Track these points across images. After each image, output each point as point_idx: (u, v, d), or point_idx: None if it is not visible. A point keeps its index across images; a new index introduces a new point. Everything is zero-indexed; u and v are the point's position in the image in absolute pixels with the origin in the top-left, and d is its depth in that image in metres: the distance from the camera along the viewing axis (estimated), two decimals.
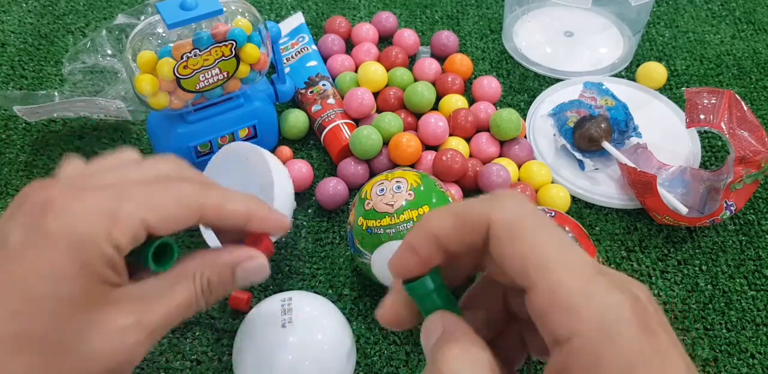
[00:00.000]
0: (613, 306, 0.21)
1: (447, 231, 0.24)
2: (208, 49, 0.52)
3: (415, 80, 0.70)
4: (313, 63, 0.70)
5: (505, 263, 0.23)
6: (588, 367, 0.21)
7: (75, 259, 0.26)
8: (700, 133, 0.67)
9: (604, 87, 0.64)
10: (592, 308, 0.21)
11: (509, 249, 0.23)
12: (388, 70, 0.69)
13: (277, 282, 0.56)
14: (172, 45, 0.51)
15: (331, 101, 0.66)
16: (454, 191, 0.60)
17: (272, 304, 0.47)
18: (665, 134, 0.66)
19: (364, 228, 0.50)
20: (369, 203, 0.52)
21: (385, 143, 0.63)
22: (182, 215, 0.29)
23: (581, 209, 0.61)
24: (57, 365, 0.25)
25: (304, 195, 0.62)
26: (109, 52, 0.68)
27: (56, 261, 0.26)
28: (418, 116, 0.66)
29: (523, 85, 0.72)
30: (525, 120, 0.67)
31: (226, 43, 0.53)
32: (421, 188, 0.52)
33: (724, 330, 0.54)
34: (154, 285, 0.29)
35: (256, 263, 0.32)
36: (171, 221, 0.29)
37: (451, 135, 0.64)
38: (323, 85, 0.67)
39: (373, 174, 0.62)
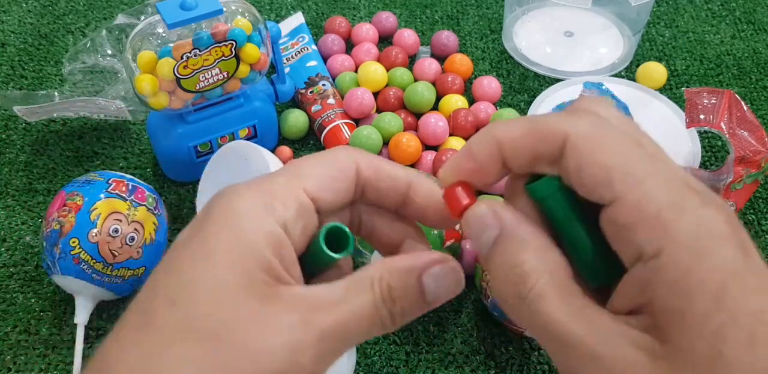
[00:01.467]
0: (706, 222, 0.20)
1: (515, 140, 0.23)
2: (208, 49, 0.52)
3: (415, 80, 0.70)
4: (313, 63, 0.70)
5: (585, 176, 0.21)
6: (674, 284, 0.19)
7: (234, 240, 0.23)
8: (700, 133, 0.67)
9: (604, 87, 0.64)
10: (683, 223, 0.19)
11: (590, 159, 0.21)
12: (388, 70, 0.69)
13: None
14: (172, 45, 0.51)
15: (331, 101, 0.66)
16: None
17: None
18: (665, 134, 0.66)
19: None
20: None
21: (385, 143, 0.63)
22: (339, 176, 0.25)
23: None
24: (214, 359, 0.21)
25: None
26: (109, 52, 0.68)
27: (212, 243, 0.23)
28: (418, 116, 0.66)
29: (523, 85, 0.72)
30: None
31: (226, 43, 0.53)
32: None
33: None
34: (327, 288, 0.24)
35: (446, 267, 0.24)
36: (328, 182, 0.25)
37: (451, 135, 0.64)
38: (323, 85, 0.67)
39: None
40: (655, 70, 0.70)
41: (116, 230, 0.51)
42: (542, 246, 0.22)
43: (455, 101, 0.66)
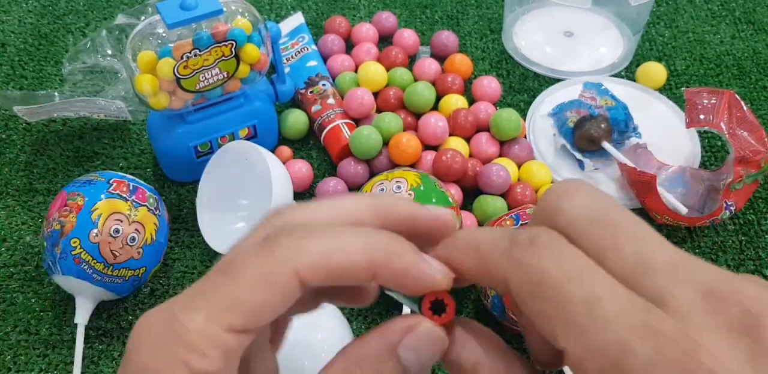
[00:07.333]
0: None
1: (470, 271, 0.22)
2: (208, 49, 0.52)
3: (415, 80, 0.70)
4: (313, 63, 0.70)
5: (533, 322, 0.20)
6: None
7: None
8: (699, 133, 0.67)
9: (603, 88, 0.64)
10: None
11: (533, 313, 0.20)
12: (388, 70, 0.69)
13: None
14: (172, 45, 0.51)
15: (330, 100, 0.66)
16: (454, 191, 0.60)
17: None
18: (665, 134, 0.66)
19: None
20: None
21: (385, 143, 0.63)
22: (275, 300, 0.21)
23: None
24: None
25: (304, 195, 0.62)
26: (109, 52, 0.68)
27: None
28: (418, 116, 0.66)
29: (523, 85, 0.72)
30: (525, 120, 0.67)
31: (226, 43, 0.53)
32: (421, 188, 0.52)
33: None
34: None
35: (422, 335, 0.21)
36: (262, 309, 0.21)
37: (451, 135, 0.64)
38: (323, 85, 0.67)
39: (373, 174, 0.62)
40: (655, 70, 0.70)
41: (117, 231, 0.51)
42: (476, 361, 0.22)
43: (455, 101, 0.66)
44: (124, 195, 0.52)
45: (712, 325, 0.18)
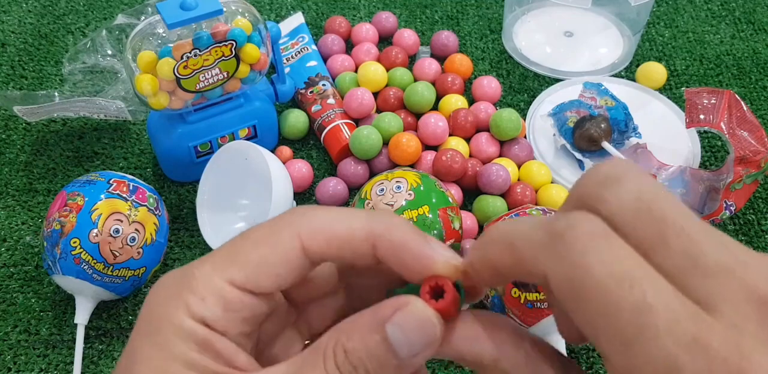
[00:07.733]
0: None
1: (505, 267, 0.21)
2: (208, 49, 0.52)
3: (415, 80, 0.70)
4: (313, 63, 0.70)
5: (575, 322, 0.18)
6: None
7: (153, 348, 0.22)
8: (699, 133, 0.67)
9: (603, 88, 0.64)
10: None
11: (573, 311, 0.18)
12: (388, 70, 0.69)
13: None
14: (172, 45, 0.52)
15: (331, 100, 0.66)
16: (454, 191, 0.60)
17: None
18: (665, 134, 0.66)
19: None
20: (369, 203, 0.52)
21: (385, 143, 0.63)
22: (278, 261, 0.23)
23: None
24: None
25: (304, 195, 0.62)
26: (109, 52, 0.68)
27: (136, 355, 0.22)
28: (418, 116, 0.66)
29: (523, 85, 0.72)
30: (525, 120, 0.67)
31: (226, 43, 0.53)
32: (421, 188, 0.52)
33: None
34: (280, 367, 0.22)
35: (412, 314, 0.21)
36: (264, 269, 0.22)
37: (451, 135, 0.64)
38: (323, 85, 0.68)
39: (373, 174, 0.62)
40: (655, 70, 0.70)
41: (117, 231, 0.51)
42: (490, 354, 0.21)
43: (455, 101, 0.66)
44: (124, 195, 0.52)
45: (765, 339, 0.16)
